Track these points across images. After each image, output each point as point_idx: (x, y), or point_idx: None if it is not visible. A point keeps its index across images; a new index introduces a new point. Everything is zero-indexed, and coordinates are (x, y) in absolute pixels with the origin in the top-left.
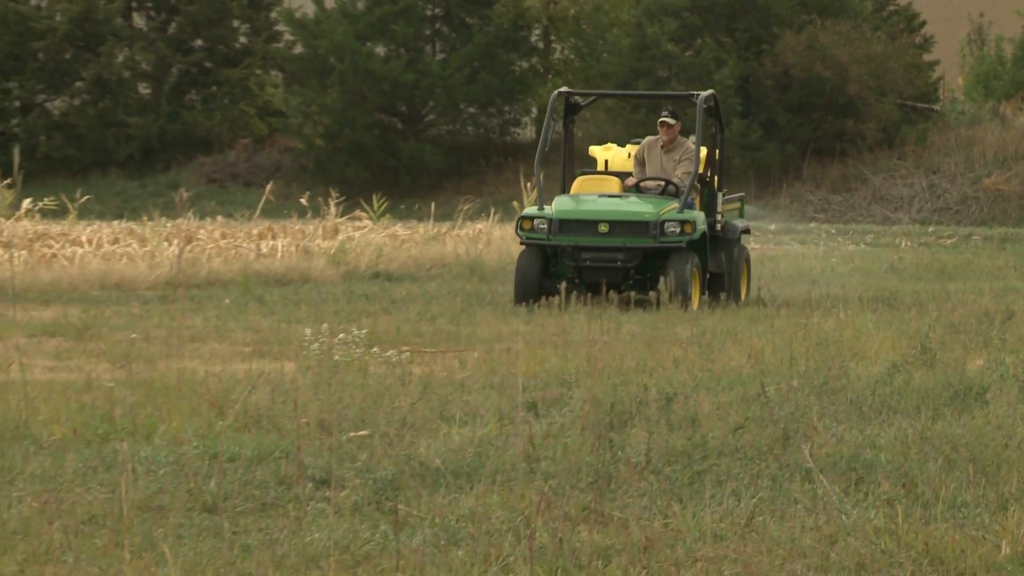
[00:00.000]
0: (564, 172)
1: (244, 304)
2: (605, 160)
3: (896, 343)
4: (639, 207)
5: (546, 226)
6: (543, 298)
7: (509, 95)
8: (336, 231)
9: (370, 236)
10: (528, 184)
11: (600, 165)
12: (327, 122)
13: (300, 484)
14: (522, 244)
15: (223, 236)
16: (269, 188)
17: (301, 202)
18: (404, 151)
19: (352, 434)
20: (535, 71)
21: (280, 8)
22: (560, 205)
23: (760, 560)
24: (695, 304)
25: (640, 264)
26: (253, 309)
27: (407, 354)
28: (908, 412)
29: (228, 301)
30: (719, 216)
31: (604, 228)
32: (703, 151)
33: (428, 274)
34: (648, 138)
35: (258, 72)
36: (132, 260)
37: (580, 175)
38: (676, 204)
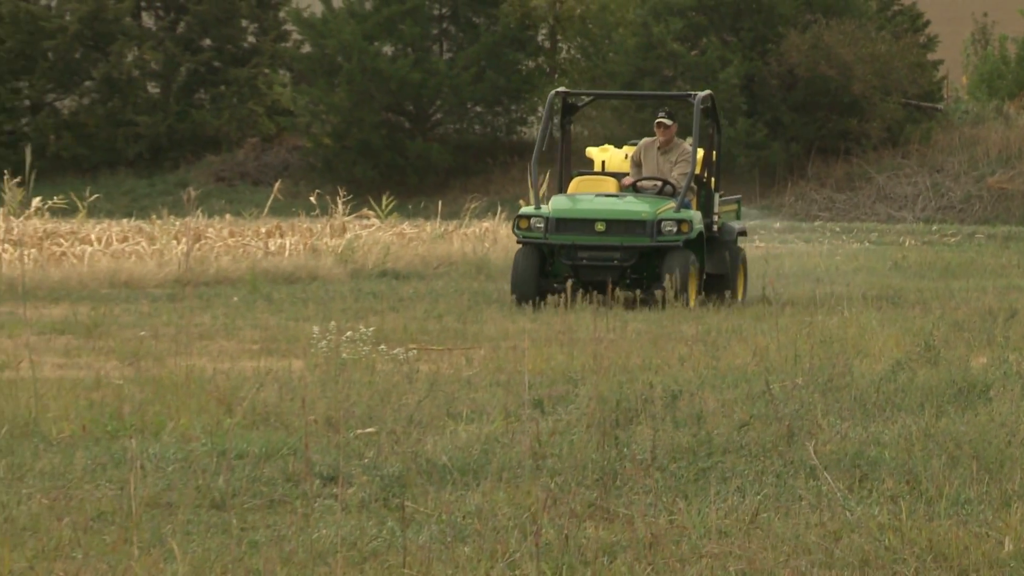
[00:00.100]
0: (561, 172)
1: (252, 302)
2: (602, 161)
3: (900, 341)
4: (636, 206)
5: (543, 225)
6: (541, 297)
7: (516, 94)
8: (344, 229)
9: (377, 234)
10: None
11: (597, 166)
12: (335, 121)
13: (308, 481)
14: (519, 243)
15: (231, 234)
16: (277, 187)
17: (310, 200)
18: (411, 150)
19: (359, 431)
20: (541, 70)
21: (288, 8)
22: (557, 204)
23: (765, 556)
24: (692, 303)
25: (637, 263)
26: (261, 307)
27: (414, 352)
28: (912, 409)
29: (236, 299)
30: (716, 217)
31: (601, 227)
32: (700, 152)
33: (435, 272)
34: (645, 139)
35: (266, 71)
36: (141, 258)
37: (577, 176)
38: (673, 204)
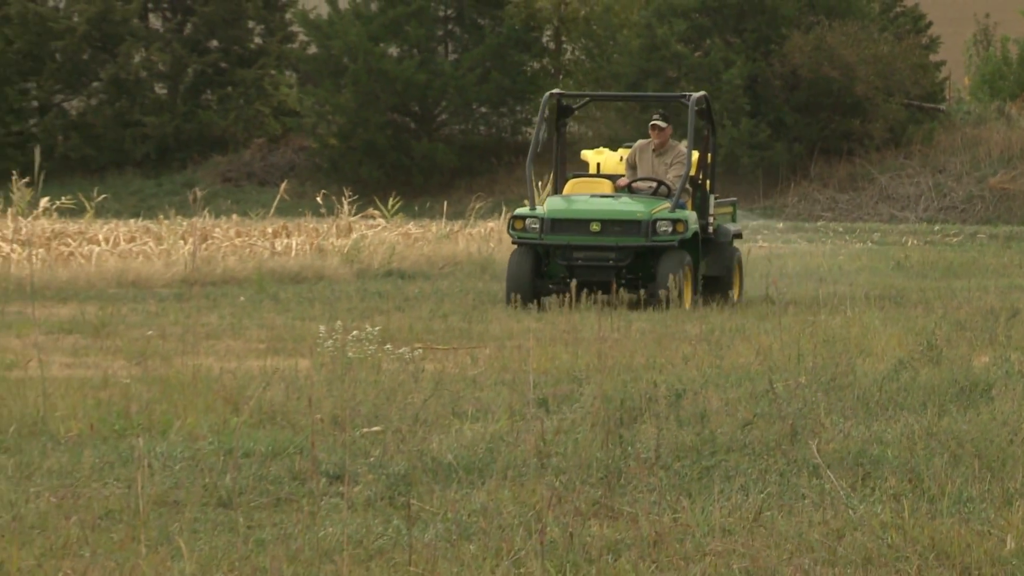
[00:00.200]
0: (556, 174)
1: (259, 302)
2: (597, 163)
3: (902, 340)
4: (631, 206)
5: (538, 226)
6: (537, 298)
7: (520, 95)
8: (350, 229)
9: (383, 234)
10: (539, 183)
11: (592, 168)
12: (341, 122)
13: (314, 479)
14: (514, 243)
15: (238, 234)
16: (283, 187)
17: (316, 201)
18: (417, 150)
19: (365, 430)
20: (546, 71)
21: (294, 9)
22: (552, 205)
23: (768, 554)
24: (687, 303)
25: (632, 263)
26: (268, 307)
27: (420, 351)
28: (914, 408)
29: (243, 299)
30: (711, 219)
31: (596, 227)
32: (695, 154)
33: (440, 272)
34: (640, 141)
35: (273, 72)
36: (148, 258)
37: (572, 178)
38: (668, 204)
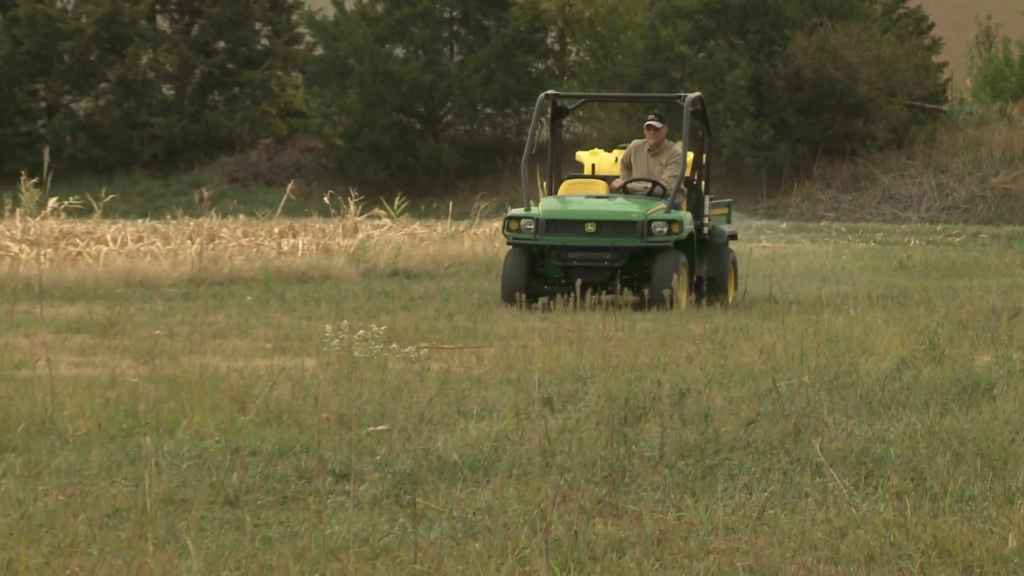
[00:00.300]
0: (551, 175)
1: (265, 301)
2: (592, 164)
3: (905, 339)
4: (626, 207)
5: (533, 226)
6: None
7: (525, 96)
8: (356, 230)
9: (389, 234)
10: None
11: (587, 170)
12: (347, 122)
13: (320, 478)
14: (509, 244)
15: (245, 234)
16: (290, 187)
17: (323, 201)
18: (422, 151)
19: (371, 429)
20: (551, 72)
21: (301, 11)
22: (547, 205)
23: (771, 552)
24: (683, 304)
25: (627, 264)
26: (274, 306)
27: (425, 350)
28: (917, 407)
29: (250, 298)
30: (706, 220)
31: (591, 228)
32: (689, 155)
33: (446, 272)
34: (635, 141)
35: (279, 73)
36: (156, 258)
37: (567, 179)
38: (663, 205)
